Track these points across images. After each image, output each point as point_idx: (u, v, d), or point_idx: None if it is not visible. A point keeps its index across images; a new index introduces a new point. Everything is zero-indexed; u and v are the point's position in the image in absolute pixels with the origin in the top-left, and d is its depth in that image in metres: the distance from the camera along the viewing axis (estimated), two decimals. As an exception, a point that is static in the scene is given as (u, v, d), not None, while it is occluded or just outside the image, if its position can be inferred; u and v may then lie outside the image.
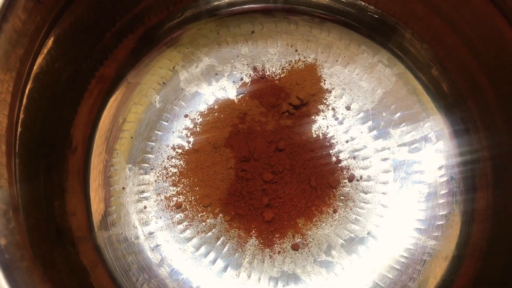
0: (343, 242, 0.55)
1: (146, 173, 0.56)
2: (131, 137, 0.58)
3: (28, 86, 0.42)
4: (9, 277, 0.32)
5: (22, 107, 0.43)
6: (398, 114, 0.59)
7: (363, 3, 0.61)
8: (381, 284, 0.54)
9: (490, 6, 0.47)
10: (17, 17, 0.36)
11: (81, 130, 0.54)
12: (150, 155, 0.57)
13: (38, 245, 0.42)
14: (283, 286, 0.53)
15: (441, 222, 0.56)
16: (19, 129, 0.42)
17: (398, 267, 0.54)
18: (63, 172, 0.51)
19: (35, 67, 0.43)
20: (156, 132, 0.58)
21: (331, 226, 0.55)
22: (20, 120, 0.42)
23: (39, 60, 0.43)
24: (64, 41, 0.47)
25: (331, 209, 0.56)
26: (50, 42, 0.44)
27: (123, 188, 0.56)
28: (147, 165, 0.57)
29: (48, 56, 0.45)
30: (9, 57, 0.37)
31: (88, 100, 0.55)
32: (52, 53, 0.45)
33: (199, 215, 0.55)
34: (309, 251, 0.54)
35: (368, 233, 0.55)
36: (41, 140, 0.47)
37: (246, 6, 0.63)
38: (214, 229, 0.55)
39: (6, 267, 0.32)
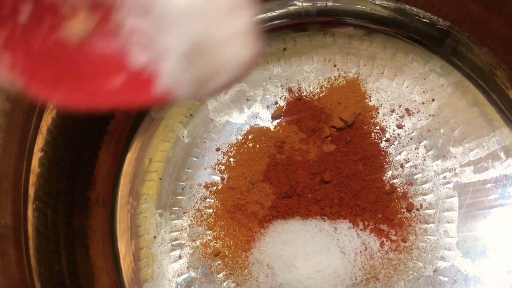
0: (406, 283, 0.48)
1: (178, 218, 0.51)
2: (160, 179, 0.52)
3: (37, 141, 0.37)
4: None
5: (35, 162, 0.38)
6: (458, 130, 0.52)
7: (408, 7, 0.54)
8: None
9: None
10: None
11: (104, 177, 0.49)
12: (182, 197, 0.51)
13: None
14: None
15: (521, 254, 0.48)
16: (31, 186, 0.38)
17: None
18: (86, 228, 0.46)
19: (44, 118, 0.38)
20: (186, 170, 0.52)
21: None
22: (32, 179, 0.37)
23: (48, 111, 0.38)
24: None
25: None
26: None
27: (154, 237, 0.50)
28: (179, 208, 0.51)
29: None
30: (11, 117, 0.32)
31: (110, 142, 0.49)
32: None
33: (240, 261, 0.49)
34: (368, 296, 0.47)
35: (435, 271, 0.48)
36: (59, 196, 0.42)
37: (276, 22, 0.57)
38: (258, 277, 0.48)
39: None
